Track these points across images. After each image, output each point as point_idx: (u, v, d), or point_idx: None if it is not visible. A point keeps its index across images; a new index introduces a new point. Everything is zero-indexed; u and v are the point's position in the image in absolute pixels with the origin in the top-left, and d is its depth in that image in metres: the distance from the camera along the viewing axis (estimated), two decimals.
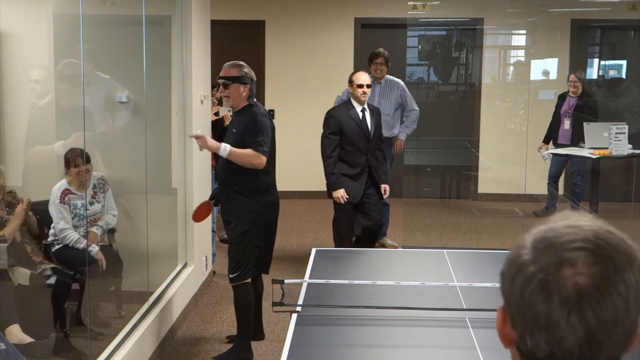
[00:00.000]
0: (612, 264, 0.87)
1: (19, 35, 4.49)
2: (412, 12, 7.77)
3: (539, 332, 0.89)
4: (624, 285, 0.87)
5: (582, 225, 0.92)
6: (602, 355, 0.87)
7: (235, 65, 4.08)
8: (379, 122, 5.29)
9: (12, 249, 3.86)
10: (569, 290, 0.86)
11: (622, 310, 0.86)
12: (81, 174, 4.09)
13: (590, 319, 0.86)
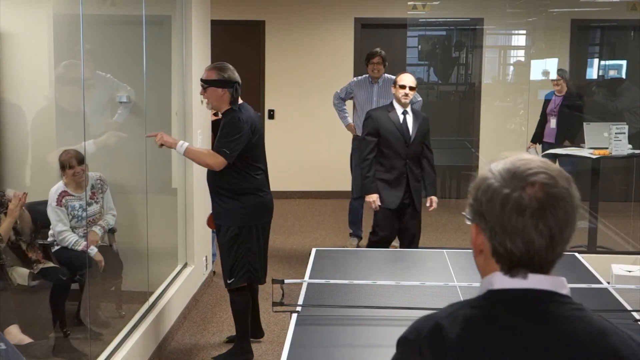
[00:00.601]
0: (560, 181, 1.18)
1: (19, 35, 4.49)
2: (412, 12, 7.77)
3: (517, 237, 1.18)
4: (569, 197, 1.19)
5: (530, 159, 1.21)
6: (558, 249, 1.22)
7: (215, 67, 4.01)
8: (423, 128, 4.94)
9: (9, 248, 3.86)
10: (535, 204, 1.16)
11: (570, 214, 1.19)
12: (77, 175, 4.08)
13: (552, 224, 1.18)
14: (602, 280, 3.50)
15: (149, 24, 4.44)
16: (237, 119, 3.92)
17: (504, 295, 1.21)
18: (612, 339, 1.19)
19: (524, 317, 1.19)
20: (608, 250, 6.14)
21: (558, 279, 1.24)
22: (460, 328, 1.19)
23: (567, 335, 1.17)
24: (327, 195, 8.55)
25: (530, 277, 1.20)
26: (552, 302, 1.20)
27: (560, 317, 1.18)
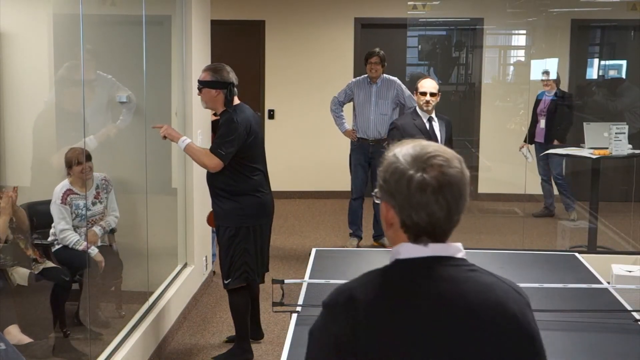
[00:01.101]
0: (454, 162, 1.41)
1: (19, 35, 4.49)
2: (412, 12, 7.77)
3: (422, 210, 1.38)
4: (461, 175, 1.41)
5: (427, 144, 1.43)
6: (454, 218, 1.42)
7: (210, 68, 4.04)
8: (449, 132, 4.81)
9: (8, 248, 3.86)
10: (435, 183, 1.37)
11: (463, 189, 1.41)
12: (84, 172, 4.09)
13: (449, 198, 1.38)
14: (602, 280, 3.50)
15: (149, 24, 4.44)
16: (231, 120, 3.92)
17: (409, 263, 1.41)
18: (497, 292, 1.42)
19: (425, 280, 1.40)
20: (608, 250, 6.14)
21: (454, 246, 1.45)
22: (371, 295, 1.38)
23: (460, 292, 1.39)
24: (327, 195, 8.55)
25: (431, 246, 1.41)
26: (448, 265, 1.42)
27: (455, 278, 1.40)
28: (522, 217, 7.44)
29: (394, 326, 1.36)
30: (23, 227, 3.97)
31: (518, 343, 1.39)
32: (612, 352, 2.68)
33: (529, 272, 3.66)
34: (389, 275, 1.42)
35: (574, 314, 2.96)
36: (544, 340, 1.45)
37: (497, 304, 1.40)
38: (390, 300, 1.38)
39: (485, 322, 1.38)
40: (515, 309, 1.41)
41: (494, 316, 1.38)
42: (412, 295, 1.38)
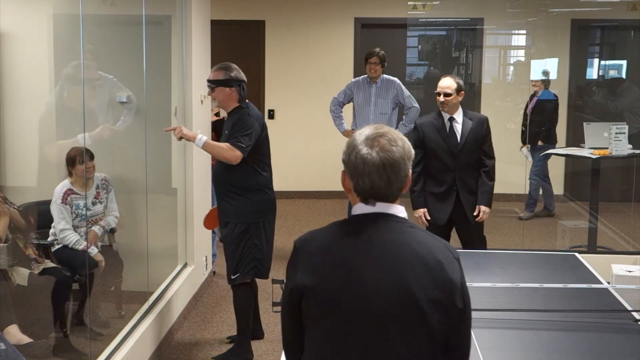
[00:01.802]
0: (397, 142, 1.76)
1: (19, 35, 4.49)
2: (412, 12, 7.77)
3: (367, 178, 1.75)
4: (402, 151, 1.77)
5: (380, 127, 1.80)
6: (395, 186, 1.76)
7: (222, 67, 4.10)
8: (479, 134, 4.48)
9: (7, 248, 3.86)
10: (376, 157, 1.74)
11: (402, 163, 1.75)
12: (87, 170, 4.10)
13: (388, 170, 1.74)
14: (602, 280, 3.50)
15: (149, 24, 4.43)
16: (247, 115, 4.03)
17: (360, 217, 1.80)
18: (430, 243, 1.77)
19: (371, 228, 1.77)
20: (608, 250, 6.14)
21: (398, 207, 1.81)
22: (328, 237, 1.82)
23: (398, 239, 1.75)
24: (327, 195, 8.55)
25: (378, 205, 1.78)
26: (390, 220, 1.78)
27: (395, 229, 1.77)
28: (523, 218, 7.44)
29: (346, 263, 1.74)
30: (20, 227, 3.97)
31: (442, 284, 1.72)
32: (612, 352, 2.68)
33: (529, 272, 3.66)
34: (345, 224, 1.83)
35: (574, 314, 2.95)
36: (543, 340, 1.46)
37: (428, 251, 1.74)
38: (341, 240, 1.78)
39: (416, 262, 1.72)
40: (442, 258, 1.75)
41: (424, 260, 1.72)
42: (361, 239, 1.76)
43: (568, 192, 8.11)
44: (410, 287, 1.69)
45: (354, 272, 1.72)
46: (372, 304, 1.70)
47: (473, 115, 4.58)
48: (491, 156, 4.55)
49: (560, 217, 7.28)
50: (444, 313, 1.72)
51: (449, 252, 1.78)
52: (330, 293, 1.73)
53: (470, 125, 4.48)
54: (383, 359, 1.71)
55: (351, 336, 1.72)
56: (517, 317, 2.91)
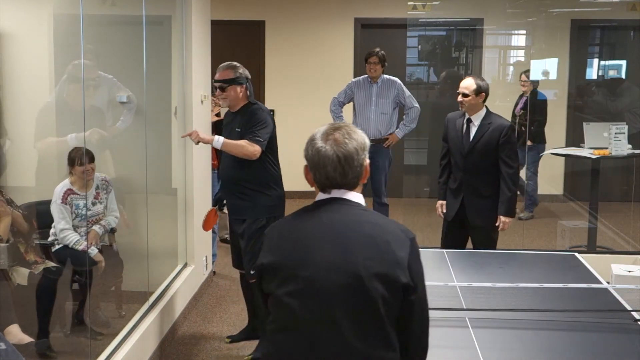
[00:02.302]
0: (352, 135, 1.92)
1: (19, 35, 4.49)
2: (412, 12, 7.77)
3: (322, 170, 1.92)
4: (357, 145, 1.92)
5: (337, 123, 1.97)
6: (349, 176, 1.92)
7: (230, 66, 4.12)
8: (492, 139, 4.39)
9: (8, 248, 3.86)
10: (330, 151, 1.90)
11: (355, 156, 1.91)
12: (86, 172, 4.10)
13: (343, 164, 1.90)
14: (602, 280, 3.50)
15: (149, 24, 4.43)
16: (260, 110, 4.10)
17: (317, 202, 1.96)
18: (381, 225, 1.90)
19: (322, 211, 1.94)
20: (608, 250, 6.14)
21: (354, 194, 1.96)
22: (289, 221, 1.98)
23: (345, 220, 1.89)
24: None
25: (333, 192, 1.95)
26: (345, 204, 1.94)
27: (344, 211, 1.92)
28: (523, 218, 7.44)
29: (299, 242, 1.90)
30: (22, 230, 3.98)
31: (386, 260, 1.83)
32: (612, 352, 2.68)
33: (529, 272, 3.66)
34: (305, 209, 1.98)
35: (574, 314, 2.96)
36: (543, 340, 1.47)
37: (377, 231, 1.87)
38: (302, 221, 1.95)
39: (363, 240, 1.85)
40: (390, 237, 1.87)
41: (371, 238, 1.86)
42: (314, 220, 1.93)
43: (568, 192, 8.11)
44: (355, 262, 1.82)
45: (306, 251, 1.87)
46: (322, 280, 1.83)
47: (495, 120, 4.46)
48: (511, 165, 4.40)
49: (560, 217, 7.28)
50: (387, 288, 1.81)
51: (401, 232, 1.90)
52: (285, 270, 1.87)
53: (486, 129, 4.42)
54: (332, 332, 1.82)
55: (303, 310, 1.84)
56: (517, 317, 2.91)
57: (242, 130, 4.08)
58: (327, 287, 1.83)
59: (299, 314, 1.85)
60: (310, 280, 1.84)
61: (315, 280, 1.84)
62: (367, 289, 1.80)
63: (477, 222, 4.50)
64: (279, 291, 1.88)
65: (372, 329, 1.82)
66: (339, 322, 1.82)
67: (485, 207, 4.46)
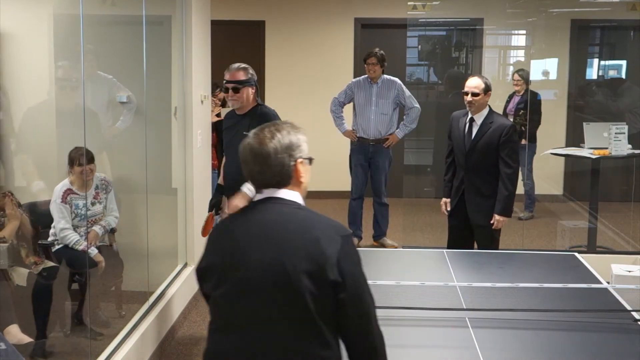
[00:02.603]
0: (275, 135, 1.95)
1: (19, 35, 4.49)
2: (412, 12, 7.77)
3: (245, 166, 1.98)
4: (277, 144, 1.94)
5: (280, 123, 2.02)
6: (268, 174, 1.95)
7: (242, 68, 4.07)
8: (493, 139, 4.42)
9: (8, 249, 3.86)
10: (250, 150, 1.96)
11: (273, 155, 1.93)
12: (84, 173, 4.10)
13: (261, 160, 1.94)
14: (602, 280, 3.51)
15: (149, 24, 4.43)
16: (272, 113, 4.05)
17: (254, 202, 2.01)
18: (311, 221, 1.91)
19: (255, 211, 1.97)
20: (608, 250, 6.14)
21: (287, 192, 1.98)
22: (229, 222, 2.03)
23: (277, 219, 1.92)
24: (327, 195, 8.55)
25: (265, 191, 1.99)
26: (278, 202, 1.96)
27: (277, 210, 1.94)
28: (523, 218, 7.44)
29: (234, 243, 1.93)
30: (26, 234, 3.99)
31: (314, 257, 1.83)
32: (612, 352, 2.69)
33: (529, 272, 3.66)
34: (242, 210, 2.05)
35: (574, 314, 2.96)
36: (543, 340, 1.47)
37: (307, 229, 1.88)
38: (236, 225, 1.98)
39: (292, 238, 1.87)
40: (320, 234, 1.87)
41: (301, 236, 1.87)
42: (248, 220, 1.96)
43: (568, 192, 8.11)
44: (284, 261, 1.84)
45: (239, 252, 1.91)
46: (255, 280, 1.87)
47: (496, 120, 4.49)
48: (510, 165, 4.41)
49: (560, 217, 7.28)
50: (315, 285, 1.82)
51: (332, 229, 1.90)
52: (219, 272, 1.93)
53: (487, 129, 4.44)
54: (266, 331, 1.85)
55: (238, 311, 1.89)
56: (517, 317, 2.91)
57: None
58: (260, 287, 1.86)
59: (234, 314, 1.89)
60: (244, 280, 1.88)
61: (249, 280, 1.87)
62: (296, 287, 1.82)
63: (479, 221, 4.52)
64: (215, 293, 1.94)
65: (305, 326, 1.84)
66: (273, 321, 1.85)
67: (487, 206, 4.47)
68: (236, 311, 1.89)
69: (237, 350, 1.89)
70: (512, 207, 4.52)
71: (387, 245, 6.46)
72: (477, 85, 4.47)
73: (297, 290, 1.82)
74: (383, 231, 6.54)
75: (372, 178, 6.44)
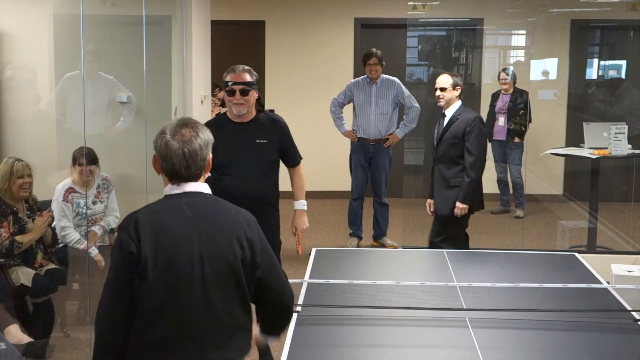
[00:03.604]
0: (197, 132, 2.14)
1: (19, 35, 4.49)
2: (412, 12, 7.77)
3: (169, 160, 2.10)
4: (200, 141, 2.11)
5: (185, 118, 2.21)
6: (192, 169, 2.11)
7: (246, 70, 3.73)
8: (458, 130, 4.58)
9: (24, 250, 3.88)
10: (176, 144, 2.09)
11: (199, 150, 2.11)
12: (84, 173, 4.11)
13: (188, 158, 2.09)
14: (602, 280, 3.51)
15: (149, 24, 4.44)
16: (281, 120, 3.80)
17: (173, 196, 2.13)
18: (233, 213, 2.14)
19: (189, 205, 2.10)
20: (608, 250, 6.14)
21: (202, 185, 2.16)
22: (150, 216, 2.08)
23: (208, 211, 2.11)
24: (327, 195, 8.55)
25: (182, 185, 2.13)
26: (199, 196, 2.14)
27: (204, 204, 2.12)
28: (521, 217, 7.45)
29: (162, 233, 2.03)
30: (46, 243, 4.02)
31: (244, 245, 2.08)
32: (612, 352, 2.69)
33: (529, 272, 3.66)
34: (160, 203, 2.14)
35: (574, 314, 2.96)
36: (543, 340, 1.47)
37: (230, 220, 2.11)
38: (161, 218, 2.07)
39: (225, 229, 2.08)
40: (243, 222, 2.12)
41: (229, 227, 2.09)
42: (175, 215, 2.08)
43: (567, 192, 8.11)
44: (221, 249, 2.05)
45: (178, 245, 2.03)
46: (193, 271, 2.03)
47: (464, 113, 4.66)
48: (472, 153, 4.56)
49: (560, 217, 7.28)
50: (249, 269, 2.09)
51: (247, 215, 2.16)
52: (159, 263, 2.01)
53: (454, 120, 4.62)
54: (206, 318, 2.04)
55: (178, 302, 2.02)
56: (517, 317, 2.91)
57: (269, 142, 3.62)
58: (199, 276, 2.03)
59: (175, 309, 2.03)
60: (185, 273, 2.03)
61: (190, 272, 2.03)
62: (235, 275, 2.06)
63: (441, 211, 4.67)
64: (154, 283, 2.01)
65: (237, 304, 2.09)
66: (213, 310, 2.05)
67: (452, 197, 4.61)
68: (177, 303, 2.03)
69: (172, 337, 2.03)
70: (473, 195, 4.61)
71: (387, 245, 6.46)
72: (445, 81, 4.64)
73: (238, 278, 2.07)
74: (383, 231, 6.54)
75: (372, 178, 6.44)
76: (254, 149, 3.60)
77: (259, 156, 3.61)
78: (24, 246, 3.81)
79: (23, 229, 3.84)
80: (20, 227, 3.84)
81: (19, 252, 3.80)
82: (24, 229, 3.85)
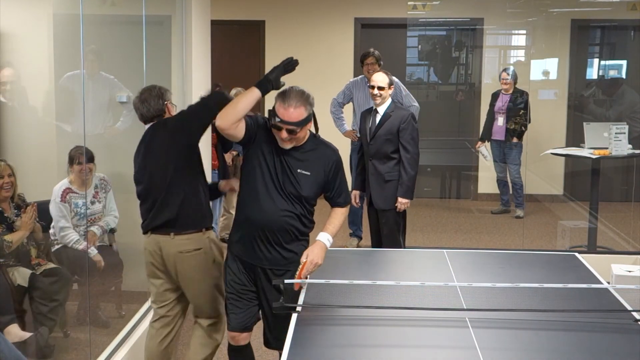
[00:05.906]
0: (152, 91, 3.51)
1: (19, 35, 4.49)
2: (412, 12, 7.77)
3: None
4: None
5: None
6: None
7: (301, 103, 3.29)
8: (393, 126, 4.74)
9: (16, 249, 3.87)
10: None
11: (152, 98, 3.49)
12: (83, 172, 4.11)
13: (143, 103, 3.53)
14: (602, 280, 3.51)
15: (149, 24, 4.44)
16: (334, 150, 3.55)
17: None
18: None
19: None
20: (608, 250, 6.14)
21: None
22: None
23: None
24: None
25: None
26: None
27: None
28: (521, 216, 7.45)
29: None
30: (37, 238, 4.01)
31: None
32: (612, 352, 2.69)
33: (529, 272, 3.66)
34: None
35: (574, 314, 2.96)
36: (543, 340, 1.47)
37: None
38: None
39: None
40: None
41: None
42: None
43: (568, 192, 8.11)
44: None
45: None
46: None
47: (397, 110, 4.86)
48: (408, 150, 4.76)
49: (560, 217, 7.28)
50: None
51: None
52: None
53: (388, 117, 4.79)
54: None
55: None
56: (517, 317, 2.91)
57: (313, 174, 3.35)
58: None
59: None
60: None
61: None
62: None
63: (381, 206, 4.88)
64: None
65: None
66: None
67: (388, 191, 4.81)
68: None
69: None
70: (413, 189, 4.84)
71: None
72: (382, 80, 4.80)
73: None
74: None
75: None
76: (297, 178, 3.32)
77: (300, 187, 3.33)
78: (14, 244, 3.79)
79: (12, 228, 3.83)
80: (8, 226, 3.83)
81: (10, 251, 3.79)
82: (13, 228, 3.84)
